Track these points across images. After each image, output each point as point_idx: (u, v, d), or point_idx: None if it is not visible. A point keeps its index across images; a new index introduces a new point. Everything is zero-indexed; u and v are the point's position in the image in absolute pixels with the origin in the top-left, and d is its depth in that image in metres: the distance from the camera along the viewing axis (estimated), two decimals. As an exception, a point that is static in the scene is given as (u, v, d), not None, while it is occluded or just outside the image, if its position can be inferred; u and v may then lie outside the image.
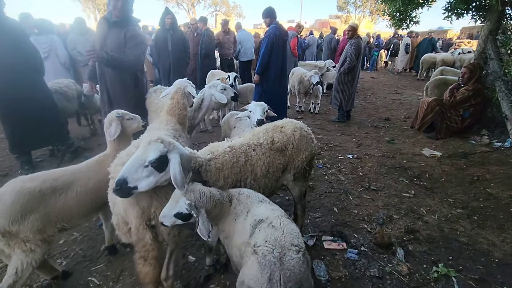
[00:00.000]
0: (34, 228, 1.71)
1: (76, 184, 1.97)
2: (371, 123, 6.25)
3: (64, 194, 1.90)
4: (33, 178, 1.87)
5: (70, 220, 1.95)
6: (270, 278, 1.26)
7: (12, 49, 3.26)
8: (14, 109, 3.42)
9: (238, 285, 1.39)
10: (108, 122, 2.28)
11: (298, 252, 1.35)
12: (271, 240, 1.36)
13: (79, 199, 1.95)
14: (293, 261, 1.31)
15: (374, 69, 15.00)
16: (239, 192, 1.73)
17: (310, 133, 2.32)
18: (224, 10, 39.16)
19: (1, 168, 3.91)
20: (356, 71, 5.91)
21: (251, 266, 1.32)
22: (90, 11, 32.85)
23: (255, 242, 1.39)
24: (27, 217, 1.70)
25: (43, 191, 1.80)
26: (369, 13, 38.27)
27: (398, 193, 3.44)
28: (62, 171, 2.05)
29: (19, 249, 1.69)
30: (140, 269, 1.78)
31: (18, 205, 1.69)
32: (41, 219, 1.75)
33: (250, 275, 1.31)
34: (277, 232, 1.40)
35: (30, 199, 1.73)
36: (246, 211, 1.59)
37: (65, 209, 1.88)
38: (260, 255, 1.32)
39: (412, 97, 8.45)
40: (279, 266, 1.28)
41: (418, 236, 2.71)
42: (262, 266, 1.28)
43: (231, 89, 3.61)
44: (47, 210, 1.79)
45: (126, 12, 3.16)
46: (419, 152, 4.57)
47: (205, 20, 7.29)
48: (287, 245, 1.35)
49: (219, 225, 1.68)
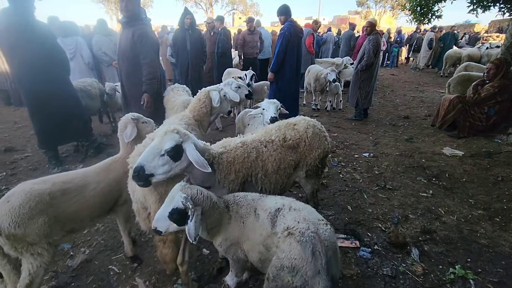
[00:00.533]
0: (41, 231, 1.68)
1: (86, 188, 1.95)
2: (389, 121, 6.10)
3: (73, 198, 1.87)
4: (44, 181, 1.84)
5: (79, 223, 1.95)
6: (313, 251, 1.35)
7: (41, 50, 3.47)
8: (43, 107, 3.65)
9: (275, 272, 1.41)
10: (123, 124, 2.28)
11: (327, 225, 1.49)
12: (302, 219, 1.45)
13: (88, 203, 1.93)
14: (327, 232, 1.44)
15: (394, 66, 14.55)
16: (234, 196, 1.73)
17: (323, 131, 2.32)
18: (242, 8, 39.25)
19: (31, 162, 4.18)
20: (374, 68, 5.78)
21: (290, 247, 1.37)
22: (113, 13, 34.03)
23: (285, 227, 1.43)
24: (35, 220, 1.66)
25: (53, 194, 1.77)
26: (390, 8, 37.03)
27: (415, 192, 3.36)
28: (73, 174, 2.03)
29: (28, 253, 1.66)
30: (160, 251, 1.99)
31: (27, 207, 1.64)
32: (49, 222, 1.71)
33: (291, 255, 1.36)
34: (302, 212, 1.49)
35: (39, 201, 1.69)
36: (253, 210, 1.61)
37: (74, 213, 1.86)
38: (297, 234, 1.38)
39: (434, 94, 8.15)
40: (318, 239, 1.38)
41: (434, 237, 2.64)
42: (303, 243, 1.36)
43: (246, 87, 3.65)
44: (56, 214, 1.76)
45: (131, 11, 3.27)
46: (439, 151, 4.42)
47: (222, 19, 7.39)
48: (316, 221, 1.47)
49: (221, 235, 1.66)
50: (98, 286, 2.17)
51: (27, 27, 3.34)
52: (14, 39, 3.27)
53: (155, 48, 3.45)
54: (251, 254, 1.59)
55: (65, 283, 2.17)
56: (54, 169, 3.88)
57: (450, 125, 5.07)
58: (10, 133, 5.37)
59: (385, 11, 39.03)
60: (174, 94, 3.75)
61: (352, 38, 10.32)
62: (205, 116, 2.83)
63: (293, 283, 1.37)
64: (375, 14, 38.76)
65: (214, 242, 1.72)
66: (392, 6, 35.85)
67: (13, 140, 5.02)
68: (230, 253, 1.68)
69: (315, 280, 1.36)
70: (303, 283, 1.36)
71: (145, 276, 2.25)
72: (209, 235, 1.67)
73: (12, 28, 3.25)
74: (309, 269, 1.35)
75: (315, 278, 1.36)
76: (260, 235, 1.53)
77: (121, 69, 3.48)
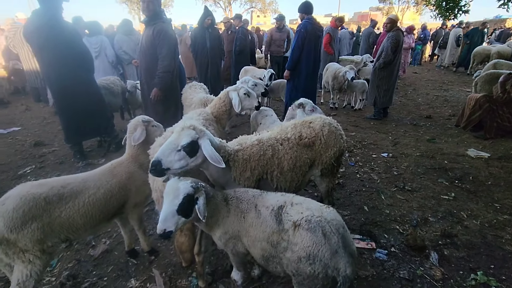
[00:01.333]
0: (34, 237, 1.59)
1: (84, 193, 1.84)
2: (410, 121, 5.90)
3: (70, 203, 1.77)
4: (42, 184, 1.76)
5: (76, 231, 1.81)
6: (324, 233, 1.38)
7: (69, 50, 3.64)
8: (69, 104, 3.83)
9: (295, 266, 1.42)
10: (133, 126, 2.22)
11: (329, 207, 1.54)
12: (304, 210, 1.49)
13: (86, 209, 1.82)
14: (331, 213, 1.49)
15: (417, 64, 14.01)
16: (234, 191, 1.75)
17: (339, 129, 2.30)
18: (260, 6, 39.15)
19: (58, 156, 4.41)
20: (394, 66, 5.59)
21: (301, 238, 1.40)
22: (135, 13, 35.05)
23: (293, 221, 1.46)
24: (28, 225, 1.58)
25: (49, 199, 1.68)
26: (414, 4, 35.61)
27: (436, 195, 3.25)
28: (73, 178, 1.91)
29: (19, 260, 1.59)
30: (177, 239, 2.06)
31: (20, 211, 1.57)
32: (42, 228, 1.63)
33: (304, 245, 1.38)
34: (303, 205, 1.54)
35: (33, 206, 1.62)
36: (254, 206, 1.62)
37: (70, 220, 1.76)
38: (304, 223, 1.42)
39: (460, 93, 7.79)
40: (325, 221, 1.42)
41: (455, 241, 2.54)
42: (312, 229, 1.39)
43: (262, 85, 3.66)
44: (50, 220, 1.67)
45: (153, 11, 3.39)
46: (463, 153, 4.23)
47: (240, 17, 7.41)
48: (318, 207, 1.52)
49: (220, 228, 1.68)
50: (117, 275, 2.26)
51: (56, 28, 3.51)
52: (44, 39, 3.46)
53: (172, 44, 3.51)
54: (253, 250, 1.61)
55: (87, 270, 2.29)
56: (79, 163, 4.07)
57: (476, 125, 4.84)
58: (40, 128, 5.68)
59: (408, 7, 37.59)
60: (191, 92, 3.83)
61: (371, 35, 10.02)
62: (224, 114, 2.93)
63: (315, 272, 1.37)
64: (397, 10, 37.42)
65: (213, 236, 1.75)
66: (416, 2, 34.48)
67: (42, 135, 5.32)
68: (229, 247, 1.70)
69: (335, 259, 1.37)
70: (325, 268, 1.36)
71: (162, 268, 2.32)
72: (207, 226, 1.69)
73: (43, 29, 3.43)
74: (326, 250, 1.36)
75: (335, 258, 1.37)
76: (262, 232, 1.54)
77: (141, 66, 3.61)
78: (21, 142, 4.96)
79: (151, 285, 2.16)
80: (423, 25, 14.55)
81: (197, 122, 2.32)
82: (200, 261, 2.03)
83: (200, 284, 2.11)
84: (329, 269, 1.37)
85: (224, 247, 1.72)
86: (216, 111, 2.90)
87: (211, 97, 3.59)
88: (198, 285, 2.12)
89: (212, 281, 2.17)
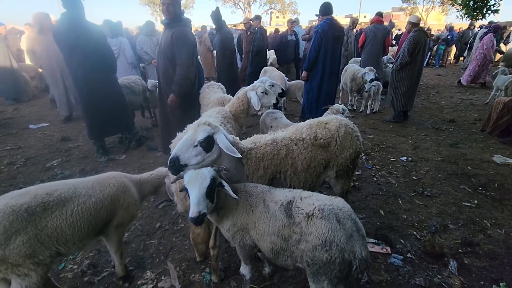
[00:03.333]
0: (21, 252, 1.48)
1: (73, 201, 1.69)
2: (432, 125, 5.69)
3: (57, 212, 1.62)
4: (23, 194, 1.61)
5: (65, 244, 1.67)
6: (338, 219, 1.42)
7: (95, 51, 3.81)
8: (94, 101, 4.01)
9: (310, 255, 1.43)
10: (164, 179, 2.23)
11: (337, 198, 1.58)
12: (316, 201, 1.52)
13: (73, 219, 1.67)
14: (341, 201, 1.54)
15: (442, 65, 13.48)
16: (244, 185, 1.79)
17: (355, 131, 2.27)
18: (279, 7, 39.11)
19: (82, 151, 4.63)
20: (414, 68, 5.35)
21: (316, 227, 1.42)
22: (157, 14, 36.07)
23: (306, 213, 1.48)
24: (12, 240, 1.46)
25: (31, 209, 1.54)
26: (440, 3, 34.23)
27: (457, 201, 3.12)
28: (61, 184, 1.77)
29: (13, 274, 1.51)
30: (193, 230, 2.11)
31: (1, 227, 1.44)
32: (29, 242, 1.51)
33: (319, 233, 1.40)
34: (312, 197, 1.58)
35: (14, 219, 1.48)
36: (262, 200, 1.65)
37: (57, 231, 1.62)
38: (317, 213, 1.45)
39: (487, 96, 7.41)
40: (337, 207, 1.46)
41: (477, 250, 2.44)
42: (326, 216, 1.43)
43: (279, 86, 3.67)
44: (36, 232, 1.54)
45: (173, 13, 3.41)
46: (489, 159, 4.04)
47: (259, 18, 7.46)
48: (327, 198, 1.57)
49: (229, 219, 1.71)
50: (134, 266, 2.35)
51: (84, 30, 3.69)
52: (73, 41, 3.64)
53: (191, 49, 3.50)
54: (261, 243, 1.64)
55: (106, 260, 2.39)
56: (101, 158, 4.26)
57: (504, 130, 4.60)
58: (66, 125, 5.99)
59: (433, 7, 36.20)
60: (209, 91, 3.90)
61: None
62: (242, 113, 3.02)
63: (332, 257, 1.37)
64: (422, 10, 36.14)
65: (222, 228, 1.78)
66: (442, 1, 33.12)
67: (68, 130, 5.60)
68: (237, 239, 1.73)
69: (351, 242, 1.39)
70: (342, 252, 1.37)
71: (176, 262, 2.39)
72: (218, 217, 1.73)
73: (72, 31, 3.61)
74: (341, 235, 1.38)
75: (350, 241, 1.39)
76: (272, 226, 1.56)
77: (159, 67, 3.71)
78: (49, 137, 5.26)
79: (166, 278, 2.22)
80: (450, 26, 13.97)
81: (214, 120, 2.40)
82: (214, 255, 2.07)
83: (213, 279, 2.15)
84: (345, 253, 1.37)
85: (232, 239, 1.75)
86: (235, 110, 2.99)
87: (228, 97, 3.65)
88: (211, 280, 2.16)
89: (224, 277, 2.21)
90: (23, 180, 3.72)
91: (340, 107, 3.45)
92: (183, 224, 2.86)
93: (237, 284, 2.16)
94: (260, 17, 7.59)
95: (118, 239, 2.02)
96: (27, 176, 3.83)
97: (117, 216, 1.93)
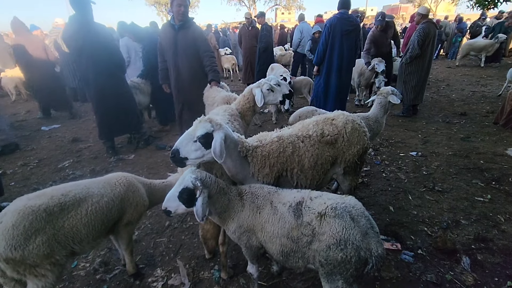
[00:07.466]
0: (40, 252, 1.51)
1: (87, 201, 1.75)
2: (442, 118, 5.57)
3: (73, 212, 1.68)
4: (40, 195, 1.66)
5: (80, 243, 1.71)
6: (352, 217, 1.41)
7: (104, 52, 3.88)
8: (104, 101, 4.08)
9: (324, 255, 1.41)
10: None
11: (348, 196, 1.57)
12: (327, 200, 1.51)
13: (88, 219, 1.73)
14: (352, 200, 1.52)
15: (454, 58, 13.14)
16: (250, 186, 1.77)
17: (363, 126, 2.24)
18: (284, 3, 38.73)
19: (92, 151, 4.71)
20: (423, 61, 5.25)
21: (329, 226, 1.41)
22: (163, 14, 36.33)
23: (318, 212, 1.46)
24: (32, 240, 1.50)
25: (50, 210, 1.59)
26: (450, -7, 33.28)
27: (470, 196, 3.06)
28: (74, 185, 1.82)
29: (31, 275, 1.54)
30: (203, 226, 2.13)
31: (21, 228, 1.48)
32: (47, 242, 1.55)
33: (333, 232, 1.39)
34: (323, 197, 1.55)
35: (34, 220, 1.52)
36: (269, 202, 1.63)
37: (73, 230, 1.67)
38: (330, 212, 1.44)
39: (500, 89, 7.20)
40: (349, 205, 1.46)
41: (491, 246, 2.39)
42: (339, 215, 1.42)
43: (286, 85, 3.62)
44: (54, 231, 1.59)
45: (186, 15, 3.63)
46: (502, 152, 3.93)
47: (263, 15, 7.42)
48: (338, 197, 1.55)
49: (234, 222, 1.70)
50: (144, 264, 2.39)
51: (93, 31, 3.75)
52: (82, 42, 3.70)
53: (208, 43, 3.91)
54: (270, 245, 1.62)
55: (118, 258, 2.44)
56: (111, 158, 4.33)
57: (518, 123, 4.47)
58: (77, 126, 6.11)
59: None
60: (213, 91, 3.89)
61: None
62: (248, 111, 3.02)
63: (347, 256, 1.36)
64: (431, 2, 35.28)
65: (227, 230, 1.78)
66: (452, -9, 32.20)
67: (79, 131, 5.71)
68: (243, 240, 1.72)
69: (367, 240, 1.38)
70: (357, 251, 1.36)
71: (186, 259, 2.42)
72: (220, 219, 1.73)
73: (81, 33, 3.68)
74: (356, 232, 1.37)
75: (366, 238, 1.38)
76: (281, 228, 1.54)
77: (180, 66, 3.76)
78: (60, 138, 5.38)
79: (175, 275, 2.26)
80: (459, 17, 13.60)
81: (222, 118, 2.40)
82: (224, 251, 2.09)
83: (223, 275, 2.17)
84: (361, 251, 1.36)
85: (238, 240, 1.75)
86: (241, 107, 2.99)
87: (234, 95, 3.64)
88: (221, 277, 2.18)
89: (233, 274, 2.22)
90: (36, 180, 3.82)
91: (389, 88, 3.32)
92: (192, 222, 2.88)
93: (246, 281, 2.17)
94: (264, 14, 7.53)
95: (128, 237, 2.06)
96: (40, 176, 3.93)
97: (127, 214, 1.97)
